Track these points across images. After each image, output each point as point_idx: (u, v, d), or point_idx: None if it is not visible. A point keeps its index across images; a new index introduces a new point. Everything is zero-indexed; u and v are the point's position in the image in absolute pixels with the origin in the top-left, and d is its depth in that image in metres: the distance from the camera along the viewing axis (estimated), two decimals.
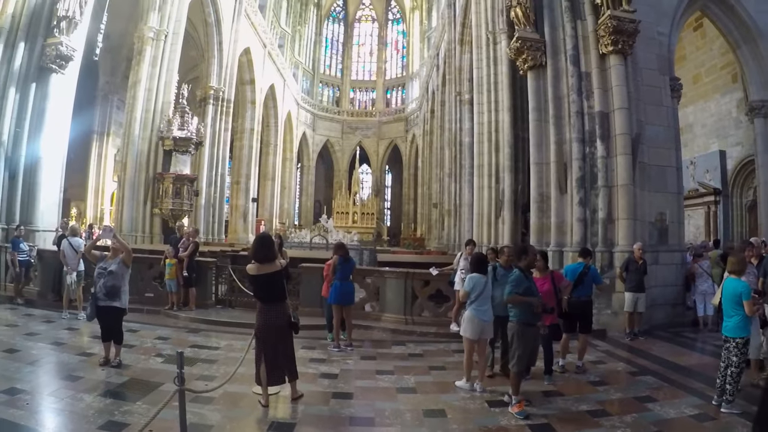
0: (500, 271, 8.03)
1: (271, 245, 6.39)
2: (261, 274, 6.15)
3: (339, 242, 11.71)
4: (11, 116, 15.10)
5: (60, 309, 11.96)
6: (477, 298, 7.22)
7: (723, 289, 6.57)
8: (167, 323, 11.61)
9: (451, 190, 28.92)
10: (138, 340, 9.51)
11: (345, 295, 9.89)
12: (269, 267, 6.15)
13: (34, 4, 15.60)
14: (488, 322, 7.31)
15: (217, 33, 30.41)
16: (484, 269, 7.57)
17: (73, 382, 6.78)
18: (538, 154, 13.87)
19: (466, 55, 26.52)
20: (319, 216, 49.59)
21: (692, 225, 21.09)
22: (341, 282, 9.84)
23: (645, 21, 12.58)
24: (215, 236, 29.72)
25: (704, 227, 21.14)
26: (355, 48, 64.98)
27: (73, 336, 9.90)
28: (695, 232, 21.16)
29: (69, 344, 9.09)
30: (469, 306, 7.29)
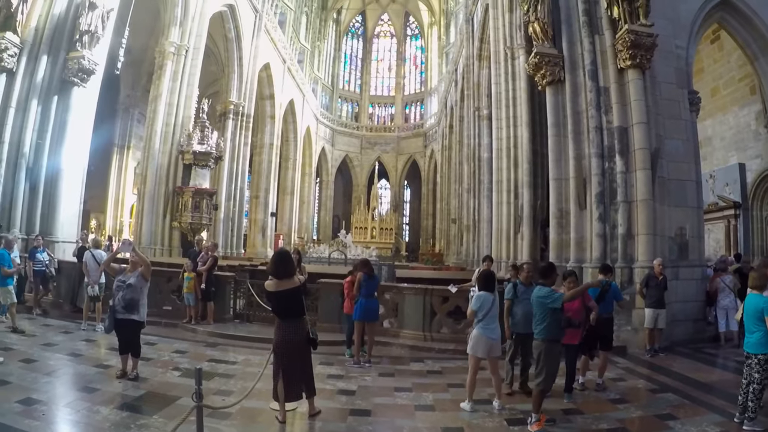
0: (521, 288, 7.95)
1: (290, 261, 6.36)
2: (279, 291, 6.12)
3: (364, 259, 11.69)
4: (33, 128, 15.31)
5: (77, 320, 12.02)
6: (485, 317, 7.13)
7: (745, 305, 6.46)
8: (185, 337, 11.63)
9: (469, 206, 28.86)
10: (155, 353, 9.52)
11: (369, 312, 9.82)
12: (288, 283, 6.12)
13: (57, 18, 15.86)
14: (496, 340, 7.16)
15: (237, 48, 30.67)
16: (492, 287, 7.41)
17: (90, 394, 6.80)
18: (557, 169, 13.81)
19: (484, 71, 26.55)
20: (337, 231, 49.62)
21: (712, 239, 20.81)
22: (366, 299, 9.76)
23: (663, 35, 12.53)
24: (234, 250, 29.82)
25: (724, 241, 20.84)
26: (373, 63, 65.29)
27: (91, 347, 9.94)
28: (715, 246, 20.88)
29: (86, 356, 9.13)
30: (477, 324, 7.21)
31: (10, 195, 14.86)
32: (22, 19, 15.01)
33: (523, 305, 7.53)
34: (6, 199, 14.78)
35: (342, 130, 58.52)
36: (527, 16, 14.49)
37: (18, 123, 15.06)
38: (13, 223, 14.83)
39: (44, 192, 15.50)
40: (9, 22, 14.78)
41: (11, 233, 13.91)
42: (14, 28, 14.82)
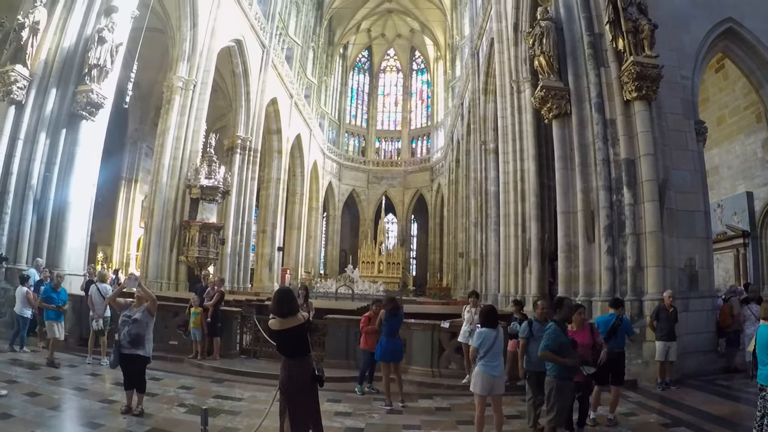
0: (536, 326, 7.75)
1: (292, 299, 6.25)
2: (284, 329, 6.04)
3: (389, 296, 11.62)
4: (41, 160, 15.35)
5: (83, 353, 11.95)
6: (486, 354, 7.01)
7: (757, 336, 6.33)
8: (191, 372, 11.51)
9: (477, 240, 28.77)
10: (161, 389, 9.42)
11: (394, 353, 9.65)
12: (291, 321, 6.00)
13: (66, 51, 16.01)
14: (497, 377, 6.99)
15: (244, 83, 30.96)
16: (494, 323, 7.27)
17: (94, 430, 6.72)
18: (565, 202, 13.77)
19: (490, 104, 26.69)
20: (344, 265, 49.51)
21: (721, 269, 20.62)
22: (388, 338, 9.57)
23: (668, 65, 12.55)
24: (241, 285, 29.72)
25: (734, 270, 20.64)
26: (380, 98, 65.87)
27: (96, 382, 9.87)
28: (725, 276, 20.68)
29: (91, 390, 9.06)
30: (479, 361, 7.09)
31: (18, 227, 14.84)
32: (31, 52, 15.17)
33: (539, 343, 7.16)
34: (13, 230, 14.76)
35: (349, 164, 58.76)
36: (533, 49, 14.60)
37: (26, 155, 15.13)
38: (20, 255, 14.79)
39: (51, 224, 15.48)
40: (19, 54, 14.97)
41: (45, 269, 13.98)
42: (24, 60, 14.98)
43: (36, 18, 15.16)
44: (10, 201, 14.73)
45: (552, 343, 6.46)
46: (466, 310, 11.40)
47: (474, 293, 12.30)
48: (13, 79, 14.73)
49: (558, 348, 6.43)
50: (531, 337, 7.68)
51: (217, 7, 25.73)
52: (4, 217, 14.59)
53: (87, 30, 16.41)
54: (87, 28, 16.43)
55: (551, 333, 6.52)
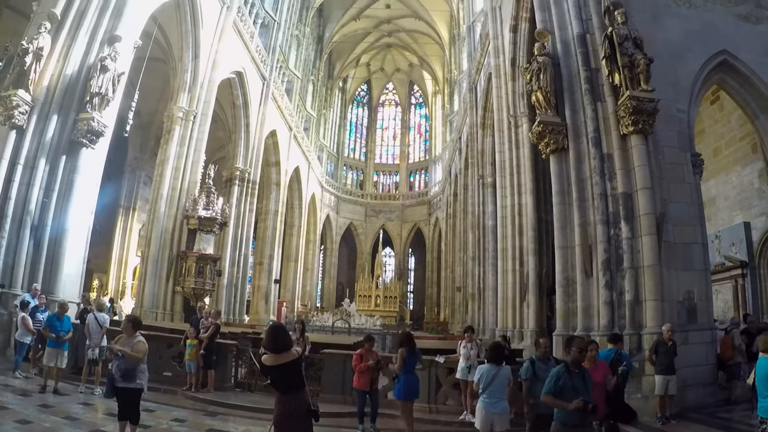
0: (539, 366, 7.39)
1: (286, 335, 6.19)
2: (277, 365, 5.96)
3: (406, 332, 11.55)
4: (40, 186, 15.33)
5: (76, 381, 11.83)
6: (485, 389, 6.97)
7: (756, 369, 6.28)
8: (185, 404, 11.38)
9: (474, 274, 28.71)
10: (154, 421, 9.30)
11: (412, 390, 9.61)
12: (285, 357, 5.93)
13: (69, 78, 16.09)
14: (498, 413, 6.96)
15: (244, 115, 31.10)
16: (499, 359, 7.26)
17: None
18: (563, 237, 13.76)
19: (488, 139, 26.85)
20: (341, 299, 49.30)
21: (720, 300, 20.52)
22: (407, 375, 9.49)
23: (664, 99, 12.63)
24: (237, 317, 29.51)
25: (733, 301, 20.52)
26: (378, 132, 66.33)
27: (88, 411, 9.76)
28: (723, 307, 20.57)
29: (83, 420, 8.96)
30: (480, 396, 7.03)
31: (14, 252, 14.75)
32: (34, 78, 15.24)
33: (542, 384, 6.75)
34: (9, 256, 14.66)
35: (347, 197, 58.88)
36: (530, 85, 14.70)
37: (25, 180, 15.12)
38: (16, 280, 14.68)
39: (48, 250, 15.39)
40: (22, 79, 15.03)
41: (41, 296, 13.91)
42: (27, 86, 15.04)
43: (40, 44, 15.26)
44: (8, 225, 14.66)
45: (553, 386, 6.09)
46: (462, 346, 11.37)
47: (469, 328, 12.25)
48: (15, 103, 14.77)
49: (559, 391, 6.00)
50: (534, 378, 7.23)
51: (219, 40, 25.97)
52: (0, 242, 14.50)
53: (90, 58, 16.53)
54: (90, 56, 16.55)
55: (554, 374, 6.11)
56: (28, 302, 12.83)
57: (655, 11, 14.39)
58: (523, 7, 19.82)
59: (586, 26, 14.24)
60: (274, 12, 35.70)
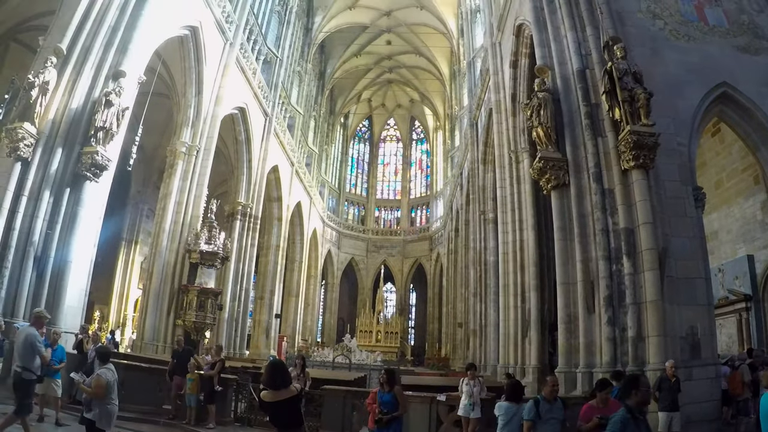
0: (544, 406, 6.80)
1: (285, 371, 6.18)
2: (276, 401, 5.94)
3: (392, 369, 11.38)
4: (44, 218, 15.40)
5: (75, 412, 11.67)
6: (504, 427, 6.89)
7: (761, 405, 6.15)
8: None
9: (476, 310, 28.56)
10: None
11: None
12: (284, 393, 5.92)
13: (74, 112, 16.25)
14: None
15: (246, 151, 31.29)
16: (518, 398, 7.09)
17: None
18: (565, 273, 13.74)
19: (489, 174, 26.94)
20: (342, 334, 48.91)
21: (724, 334, 20.29)
22: None
23: (665, 133, 12.67)
24: (237, 351, 29.34)
25: (737, 335, 20.29)
26: (380, 167, 66.60)
27: None
28: (728, 342, 20.34)
29: None
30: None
31: (17, 282, 14.74)
32: (40, 111, 15.41)
33: (550, 427, 6.56)
34: (12, 285, 14.65)
35: (348, 233, 58.92)
36: (530, 120, 14.80)
37: (29, 212, 15.19)
38: (18, 310, 14.64)
39: (50, 281, 15.40)
40: (28, 112, 15.21)
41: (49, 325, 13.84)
42: (32, 119, 15.20)
43: (46, 78, 15.44)
44: (11, 256, 14.68)
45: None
46: (464, 383, 11.24)
47: (472, 366, 12.11)
48: (20, 136, 14.92)
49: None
50: (538, 420, 6.70)
51: (222, 75, 26.25)
52: (3, 272, 14.50)
53: (95, 93, 16.72)
54: (95, 91, 16.74)
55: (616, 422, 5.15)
56: None
57: (654, 45, 14.59)
58: (523, 42, 20.03)
59: (586, 61, 14.40)
60: (276, 48, 36.15)
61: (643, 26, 14.89)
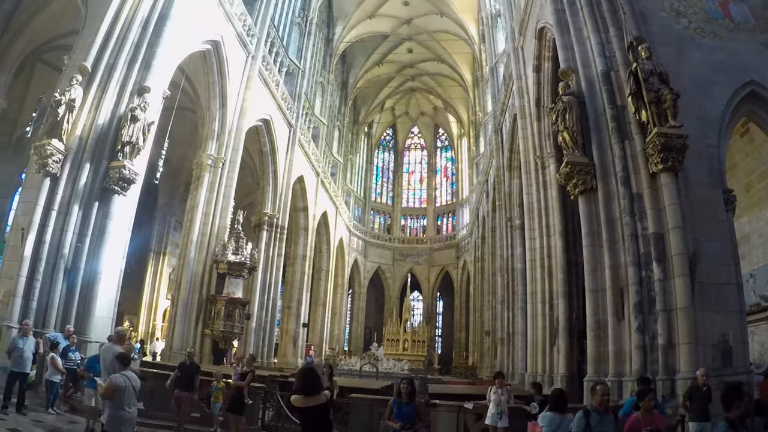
0: (594, 418, 6.25)
1: (316, 377, 6.18)
2: (306, 407, 5.94)
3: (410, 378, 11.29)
4: (74, 231, 15.71)
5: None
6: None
7: None
8: None
9: (503, 318, 28.29)
10: None
11: None
12: (315, 399, 5.92)
13: (100, 128, 16.56)
14: None
15: (272, 162, 31.52)
16: (562, 407, 6.77)
17: None
18: (593, 280, 13.53)
19: (515, 181, 26.68)
20: (369, 342, 48.91)
21: (756, 342, 19.64)
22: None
23: (693, 134, 12.39)
24: (265, 360, 29.49)
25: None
26: (405, 176, 66.54)
27: None
28: (760, 350, 19.67)
29: None
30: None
31: (48, 294, 15.06)
32: (67, 128, 15.72)
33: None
34: (43, 297, 14.96)
35: (374, 242, 58.97)
36: (556, 125, 14.62)
37: (59, 225, 15.51)
38: (48, 321, 14.93)
39: (80, 293, 15.69)
40: (55, 129, 15.51)
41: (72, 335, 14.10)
42: (60, 135, 15.50)
43: (72, 96, 15.72)
44: (42, 269, 14.98)
45: None
46: (492, 392, 11.12)
47: (499, 374, 11.97)
48: (49, 152, 15.22)
49: None
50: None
51: (245, 88, 26.50)
52: (35, 284, 14.81)
53: (120, 108, 17.01)
54: (120, 107, 17.04)
55: None
56: (58, 342, 13.01)
57: (679, 44, 14.31)
58: (545, 46, 19.87)
59: (610, 63, 14.21)
60: (298, 60, 36.45)
61: (667, 25, 14.61)
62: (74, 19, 20.09)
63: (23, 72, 26.31)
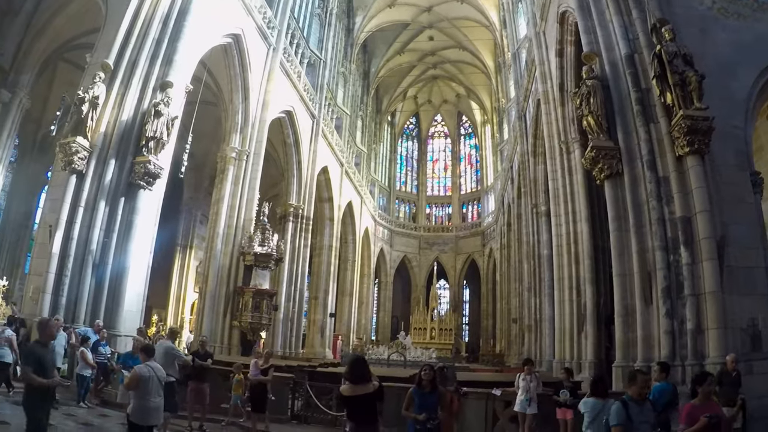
0: (633, 409, 5.68)
1: (365, 366, 6.23)
2: (354, 396, 5.96)
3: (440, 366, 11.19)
4: (101, 227, 15.95)
5: None
6: (590, 425, 6.51)
7: None
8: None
9: (530, 305, 28.20)
10: None
11: None
12: (363, 388, 5.96)
13: (124, 124, 16.76)
14: None
15: (296, 153, 31.66)
16: (603, 393, 6.69)
17: None
18: (621, 265, 13.43)
19: (540, 167, 26.51)
20: (396, 332, 48.95)
21: None
22: None
23: (718, 116, 12.15)
24: (293, 350, 29.79)
25: None
26: (429, 164, 66.38)
27: None
28: None
29: None
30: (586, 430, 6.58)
31: (77, 289, 15.33)
32: (91, 125, 15.95)
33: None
34: (72, 292, 15.24)
35: (400, 230, 58.92)
36: (580, 109, 14.48)
37: (86, 222, 15.77)
38: (78, 316, 15.21)
39: (109, 288, 15.93)
40: (80, 127, 15.76)
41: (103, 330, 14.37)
42: (84, 133, 15.74)
43: (95, 93, 15.96)
44: (70, 264, 15.27)
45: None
46: (521, 378, 11.10)
47: (528, 360, 11.93)
48: (74, 150, 15.50)
49: None
50: (629, 425, 5.61)
51: (267, 80, 26.56)
52: (64, 280, 15.11)
53: (144, 104, 17.19)
54: (144, 103, 17.21)
55: None
56: (88, 337, 13.26)
57: (703, 25, 14.05)
58: (568, 30, 19.63)
59: (634, 46, 14.01)
60: (319, 51, 36.44)
61: (691, 6, 14.31)
62: (95, 18, 20.29)
63: (46, 71, 26.72)
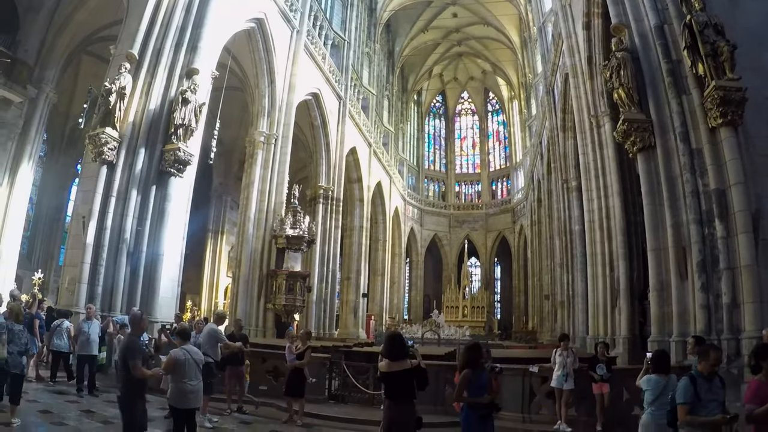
0: (702, 386, 5.53)
1: (402, 343, 6.35)
2: (391, 372, 6.08)
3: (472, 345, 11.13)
4: (133, 216, 16.20)
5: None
6: (654, 401, 6.32)
7: None
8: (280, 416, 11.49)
9: (563, 281, 28.07)
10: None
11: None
12: (400, 365, 6.08)
13: (152, 113, 16.94)
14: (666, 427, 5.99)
15: (323, 135, 31.78)
16: (665, 368, 6.49)
17: None
18: (655, 239, 13.32)
19: (569, 141, 26.23)
20: (428, 310, 49.17)
21: None
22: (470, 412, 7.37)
23: (751, 87, 11.80)
24: (327, 331, 30.20)
25: None
26: (457, 142, 66.18)
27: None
28: None
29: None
30: (647, 408, 6.41)
31: (112, 278, 15.65)
32: (120, 115, 16.15)
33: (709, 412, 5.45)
34: (108, 282, 15.56)
35: (430, 209, 58.92)
36: (610, 82, 14.28)
37: (119, 211, 16.02)
38: (114, 304, 15.54)
39: (144, 275, 16.23)
40: (108, 118, 15.96)
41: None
42: (113, 123, 15.95)
43: (122, 83, 16.14)
44: (105, 254, 15.57)
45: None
46: (558, 354, 11.11)
47: (565, 336, 11.91)
48: (103, 140, 15.73)
49: None
50: (698, 403, 5.46)
51: (293, 63, 26.63)
52: (99, 269, 15.42)
53: (171, 92, 17.34)
54: (171, 91, 17.36)
55: None
56: (125, 325, 13.32)
57: None
58: (594, 2, 19.27)
59: (663, 16, 13.67)
60: (342, 32, 36.46)
61: None
62: (116, 10, 20.60)
63: (70, 66, 27.19)
